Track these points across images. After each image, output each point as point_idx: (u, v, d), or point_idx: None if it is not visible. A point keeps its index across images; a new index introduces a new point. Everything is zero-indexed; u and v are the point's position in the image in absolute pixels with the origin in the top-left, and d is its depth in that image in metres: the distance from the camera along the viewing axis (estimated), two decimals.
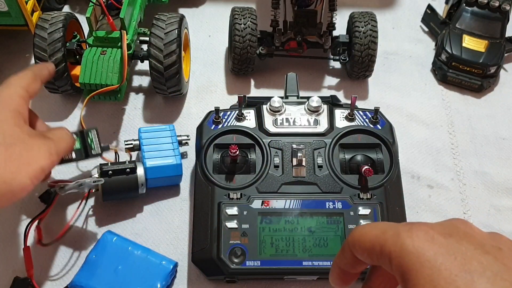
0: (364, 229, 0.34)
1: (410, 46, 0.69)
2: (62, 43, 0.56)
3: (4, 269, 0.50)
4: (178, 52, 0.55)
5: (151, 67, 0.56)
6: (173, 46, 0.55)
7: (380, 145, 0.51)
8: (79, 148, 0.48)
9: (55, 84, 0.57)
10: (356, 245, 0.33)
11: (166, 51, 0.55)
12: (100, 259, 0.47)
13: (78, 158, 0.49)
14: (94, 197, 0.54)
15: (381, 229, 0.32)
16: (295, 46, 0.61)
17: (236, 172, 0.49)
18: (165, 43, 0.55)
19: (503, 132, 0.61)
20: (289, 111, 0.52)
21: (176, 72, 0.56)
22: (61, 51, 0.55)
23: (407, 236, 0.30)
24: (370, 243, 0.33)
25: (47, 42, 0.55)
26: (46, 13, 0.58)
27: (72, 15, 0.59)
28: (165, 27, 0.55)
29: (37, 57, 0.55)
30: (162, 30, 0.55)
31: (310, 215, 0.47)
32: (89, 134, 0.49)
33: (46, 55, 0.55)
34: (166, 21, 0.56)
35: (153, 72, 0.56)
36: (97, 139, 0.49)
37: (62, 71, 0.56)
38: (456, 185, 0.57)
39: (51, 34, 0.55)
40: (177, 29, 0.56)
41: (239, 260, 0.45)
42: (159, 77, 0.56)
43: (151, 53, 0.55)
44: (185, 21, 0.59)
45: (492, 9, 0.66)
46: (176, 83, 0.57)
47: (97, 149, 0.49)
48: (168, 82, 0.56)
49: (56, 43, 0.55)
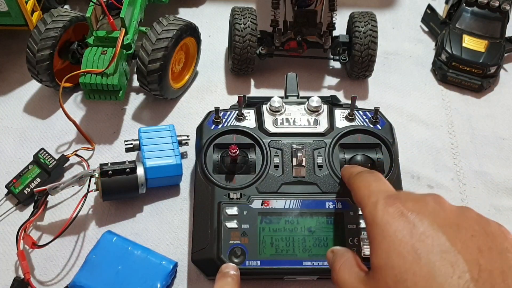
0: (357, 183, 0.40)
1: (410, 46, 0.69)
2: (54, 42, 0.56)
3: (4, 269, 0.50)
4: (164, 60, 0.55)
5: (136, 66, 0.56)
6: (159, 54, 0.54)
7: (380, 145, 0.51)
8: (40, 171, 0.54)
9: (38, 76, 0.58)
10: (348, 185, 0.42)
11: (151, 56, 0.54)
12: (100, 259, 0.47)
13: (44, 179, 0.53)
14: (94, 197, 0.54)
15: (368, 192, 0.38)
16: (295, 46, 0.61)
17: (236, 172, 0.49)
18: (154, 48, 0.54)
19: (503, 132, 0.61)
20: (289, 111, 0.52)
21: (158, 78, 0.55)
22: (49, 49, 0.56)
23: (381, 210, 0.35)
24: (357, 198, 0.39)
25: (41, 36, 0.56)
26: (56, 9, 0.58)
27: (81, 17, 0.59)
28: (160, 33, 0.55)
29: (28, 46, 0.56)
30: (156, 35, 0.55)
31: (310, 215, 0.47)
32: (39, 156, 0.54)
33: (36, 48, 0.56)
34: (165, 26, 0.56)
35: (137, 71, 0.56)
36: (47, 155, 0.54)
37: (45, 68, 0.56)
38: (456, 185, 0.57)
39: (48, 30, 0.56)
40: (170, 38, 0.55)
41: (239, 260, 0.45)
42: (142, 79, 0.56)
43: (139, 54, 0.55)
44: (191, 30, 0.58)
45: (492, 9, 0.66)
46: (157, 88, 0.56)
47: (51, 163, 0.54)
48: (150, 85, 0.56)
49: (48, 40, 0.56)
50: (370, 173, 0.41)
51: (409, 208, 0.34)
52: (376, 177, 0.40)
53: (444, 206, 0.35)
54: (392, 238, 0.33)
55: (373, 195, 0.37)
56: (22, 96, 0.62)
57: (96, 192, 0.51)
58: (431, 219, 0.33)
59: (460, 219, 0.33)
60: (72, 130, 0.59)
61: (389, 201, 0.35)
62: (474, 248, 0.31)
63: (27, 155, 0.57)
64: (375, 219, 0.35)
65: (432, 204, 0.34)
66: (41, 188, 0.50)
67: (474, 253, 0.30)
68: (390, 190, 0.38)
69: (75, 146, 0.58)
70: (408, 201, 0.35)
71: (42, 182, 0.53)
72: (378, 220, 0.34)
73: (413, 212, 0.33)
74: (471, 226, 0.32)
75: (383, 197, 0.36)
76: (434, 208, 0.34)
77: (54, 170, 0.54)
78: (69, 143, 0.58)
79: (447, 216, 0.33)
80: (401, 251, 0.32)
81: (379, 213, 0.34)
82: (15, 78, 0.64)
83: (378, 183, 0.39)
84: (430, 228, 0.32)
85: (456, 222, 0.33)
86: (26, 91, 0.63)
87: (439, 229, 0.32)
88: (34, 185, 0.53)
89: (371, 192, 0.37)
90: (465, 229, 0.32)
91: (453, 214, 0.34)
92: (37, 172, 0.54)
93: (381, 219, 0.34)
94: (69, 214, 0.49)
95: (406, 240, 0.32)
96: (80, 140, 0.58)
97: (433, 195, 0.36)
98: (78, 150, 0.57)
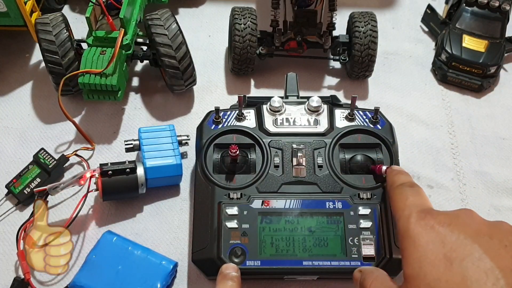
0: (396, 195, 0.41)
1: (410, 46, 0.69)
2: (70, 42, 0.56)
3: (4, 269, 0.50)
4: (185, 42, 0.56)
5: (165, 66, 0.56)
6: (179, 38, 0.55)
7: (380, 145, 0.51)
8: (40, 171, 0.53)
9: (70, 85, 0.57)
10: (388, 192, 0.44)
11: (174, 44, 0.55)
12: (100, 259, 0.47)
13: (44, 179, 0.53)
14: (94, 197, 0.54)
15: (403, 206, 0.39)
16: (295, 46, 0.61)
17: (236, 172, 0.49)
18: (171, 37, 0.55)
19: (503, 132, 0.61)
20: (289, 111, 0.52)
21: (189, 63, 0.56)
22: (71, 50, 0.56)
23: (413, 222, 0.36)
24: (393, 210, 0.41)
25: (56, 44, 0.55)
26: (42, 17, 0.58)
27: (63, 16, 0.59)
28: (163, 23, 0.55)
29: (49, 61, 0.55)
30: (162, 27, 0.55)
31: (310, 215, 0.47)
32: (39, 156, 0.54)
33: (59, 57, 0.55)
34: (161, 18, 0.56)
35: (169, 70, 0.56)
36: (47, 155, 0.54)
37: (77, 69, 0.55)
38: (456, 185, 0.57)
39: (57, 35, 0.55)
40: (175, 21, 0.56)
41: (239, 260, 0.45)
42: (176, 72, 0.56)
43: (161, 52, 0.55)
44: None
45: (492, 9, 0.66)
46: (191, 73, 0.57)
47: (51, 163, 0.53)
48: (185, 75, 0.57)
49: (65, 43, 0.55)
50: (410, 186, 0.42)
51: (440, 221, 0.35)
52: (414, 191, 0.41)
53: (475, 219, 0.36)
54: (424, 248, 0.34)
55: (407, 208, 0.38)
56: (22, 96, 0.62)
57: (96, 192, 0.51)
58: (462, 230, 0.34)
59: (492, 231, 0.34)
60: (72, 130, 0.58)
61: (422, 215, 0.36)
62: (507, 257, 0.31)
63: (27, 155, 0.57)
64: (408, 231, 0.36)
65: (463, 217, 0.35)
66: (41, 188, 0.50)
67: (508, 261, 0.31)
68: (426, 205, 0.39)
69: (75, 146, 0.58)
70: (440, 215, 0.36)
71: (42, 182, 0.53)
72: (410, 232, 0.35)
73: (445, 224, 0.35)
74: (505, 237, 0.33)
75: (416, 211, 0.37)
76: (465, 220, 0.35)
77: (54, 170, 0.54)
78: (69, 143, 0.58)
79: (478, 228, 0.34)
80: (433, 259, 0.33)
81: (411, 226, 0.36)
82: (15, 78, 0.64)
83: (415, 198, 0.40)
84: (462, 238, 0.33)
85: (488, 233, 0.33)
86: (26, 91, 0.63)
87: (471, 239, 0.33)
88: (34, 185, 0.53)
89: (406, 206, 0.39)
90: (498, 240, 0.33)
91: (485, 226, 0.34)
92: (37, 172, 0.54)
93: (412, 231, 0.35)
94: (69, 214, 0.49)
95: (438, 250, 0.33)
96: (80, 140, 0.58)
97: (465, 210, 0.37)
98: (78, 150, 0.57)
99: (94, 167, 0.51)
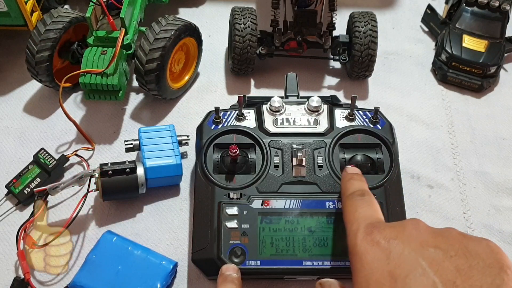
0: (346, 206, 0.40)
1: (410, 46, 0.69)
2: (53, 44, 0.56)
3: (4, 269, 0.50)
4: (161, 60, 0.54)
5: (135, 65, 0.56)
6: (156, 54, 0.54)
7: (380, 145, 0.51)
8: (40, 171, 0.54)
9: (38, 77, 0.58)
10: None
11: (149, 56, 0.54)
12: (100, 259, 0.47)
13: (44, 179, 0.53)
14: (94, 197, 0.54)
15: (352, 219, 0.38)
16: (295, 46, 0.61)
17: (236, 172, 0.49)
18: (151, 48, 0.54)
19: (503, 132, 0.61)
20: (289, 111, 0.52)
21: (155, 78, 0.55)
22: (49, 50, 0.56)
23: (360, 239, 0.35)
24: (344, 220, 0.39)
25: (40, 37, 0.55)
26: (56, 10, 0.58)
27: (81, 18, 0.59)
28: (158, 32, 0.55)
29: (28, 47, 0.56)
30: (154, 35, 0.55)
31: (310, 215, 0.47)
32: (39, 156, 0.54)
33: (35, 49, 0.55)
34: (163, 26, 0.56)
35: (136, 71, 0.56)
36: (47, 155, 0.54)
37: (45, 69, 0.56)
38: (456, 185, 0.57)
39: (47, 32, 0.56)
40: (168, 38, 0.55)
41: (239, 260, 0.45)
42: (140, 78, 0.56)
43: (137, 53, 0.55)
44: (191, 31, 0.58)
45: (492, 9, 0.66)
46: (155, 88, 0.57)
47: (51, 163, 0.54)
48: (148, 85, 0.56)
49: (47, 41, 0.56)
50: (361, 195, 0.41)
51: (386, 236, 0.34)
52: (364, 202, 0.40)
53: (421, 229, 0.35)
54: (370, 266, 0.33)
55: (356, 222, 0.37)
56: (22, 96, 0.62)
57: (96, 192, 0.51)
58: (407, 243, 0.33)
59: (438, 241, 0.33)
60: (72, 130, 0.59)
61: (368, 230, 0.36)
62: (451, 269, 0.31)
63: (27, 155, 0.57)
64: (355, 247, 0.35)
65: (409, 229, 0.35)
66: (41, 188, 0.50)
67: (451, 273, 0.31)
68: (374, 217, 0.38)
69: (75, 146, 0.58)
70: (386, 228, 0.35)
71: (42, 182, 0.53)
72: (357, 249, 0.35)
73: (390, 239, 0.34)
74: (451, 246, 0.32)
75: (364, 226, 0.36)
76: (411, 232, 0.34)
77: (54, 170, 0.54)
78: (69, 143, 0.58)
79: (424, 239, 0.34)
80: (378, 278, 0.32)
81: (358, 242, 0.35)
82: (15, 78, 0.64)
83: (364, 209, 0.39)
84: (406, 252, 0.33)
85: (434, 244, 0.33)
86: (26, 91, 0.63)
87: (415, 252, 0.32)
88: (34, 185, 0.53)
89: (355, 219, 0.38)
90: (443, 250, 0.32)
91: (431, 237, 0.34)
92: (37, 172, 0.54)
93: (359, 248, 0.35)
94: (69, 214, 0.49)
95: (383, 267, 0.33)
96: (80, 140, 0.58)
97: (412, 220, 0.36)
98: (78, 150, 0.57)
99: (94, 167, 0.51)
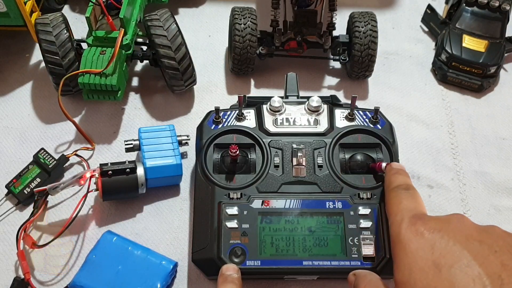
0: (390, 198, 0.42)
1: (410, 46, 0.69)
2: (71, 42, 0.56)
3: (4, 269, 0.50)
4: (184, 42, 0.56)
5: (165, 67, 0.56)
6: (178, 39, 0.55)
7: (380, 145, 0.51)
8: (40, 171, 0.53)
9: (70, 85, 0.57)
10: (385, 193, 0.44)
11: (174, 45, 0.55)
12: (100, 259, 0.47)
13: (44, 179, 0.53)
14: (94, 197, 0.54)
15: (396, 210, 0.39)
16: (295, 46, 0.61)
17: (236, 172, 0.49)
18: (170, 38, 0.55)
19: (503, 132, 0.61)
20: (289, 111, 0.52)
21: (189, 63, 0.56)
22: (72, 50, 0.56)
23: (404, 228, 0.36)
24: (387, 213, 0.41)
25: (56, 45, 0.55)
26: (41, 17, 0.57)
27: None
28: (163, 24, 0.55)
29: (49, 61, 0.55)
30: (162, 28, 0.55)
31: (310, 215, 0.47)
32: (39, 156, 0.54)
33: (59, 58, 0.55)
34: (160, 18, 0.56)
35: (168, 71, 0.56)
36: (47, 155, 0.54)
37: (77, 69, 0.55)
38: (456, 185, 0.57)
39: (58, 36, 0.55)
40: (175, 22, 0.56)
41: (239, 260, 0.45)
42: (176, 73, 0.56)
43: (161, 53, 0.55)
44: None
45: (492, 9, 0.66)
46: (191, 73, 0.57)
47: (51, 163, 0.53)
48: (185, 75, 0.57)
49: (65, 43, 0.55)
50: (406, 189, 0.42)
51: (431, 227, 0.35)
52: (409, 195, 0.41)
53: (466, 224, 0.36)
54: (413, 254, 0.34)
55: (400, 213, 0.38)
56: (22, 96, 0.62)
57: (96, 192, 0.51)
58: (452, 236, 0.34)
59: (482, 236, 0.34)
60: (72, 130, 0.59)
61: (413, 220, 0.37)
62: (496, 263, 0.31)
63: (27, 155, 0.57)
64: (399, 237, 0.36)
65: (454, 223, 0.35)
66: (41, 188, 0.50)
67: (496, 267, 0.31)
68: (418, 209, 0.39)
69: (75, 146, 0.58)
70: (431, 220, 0.36)
71: (42, 182, 0.53)
72: (401, 237, 0.36)
73: (435, 230, 0.35)
74: (495, 242, 0.33)
75: (409, 217, 0.37)
76: (456, 226, 0.35)
77: (54, 170, 0.54)
78: (69, 143, 0.58)
79: (469, 233, 0.34)
80: (422, 266, 0.33)
81: (403, 232, 0.36)
82: (15, 78, 0.64)
83: (408, 202, 0.40)
84: (451, 244, 0.33)
85: (479, 239, 0.34)
86: (26, 91, 0.63)
87: (460, 245, 0.33)
88: (34, 185, 0.53)
89: (399, 210, 0.39)
90: (488, 245, 0.33)
91: (476, 231, 0.34)
92: (37, 172, 0.54)
93: (403, 236, 0.36)
94: (69, 214, 0.49)
95: (428, 256, 0.33)
96: (80, 140, 0.58)
97: (457, 215, 0.37)
98: (78, 150, 0.57)
99: (94, 167, 0.51)
